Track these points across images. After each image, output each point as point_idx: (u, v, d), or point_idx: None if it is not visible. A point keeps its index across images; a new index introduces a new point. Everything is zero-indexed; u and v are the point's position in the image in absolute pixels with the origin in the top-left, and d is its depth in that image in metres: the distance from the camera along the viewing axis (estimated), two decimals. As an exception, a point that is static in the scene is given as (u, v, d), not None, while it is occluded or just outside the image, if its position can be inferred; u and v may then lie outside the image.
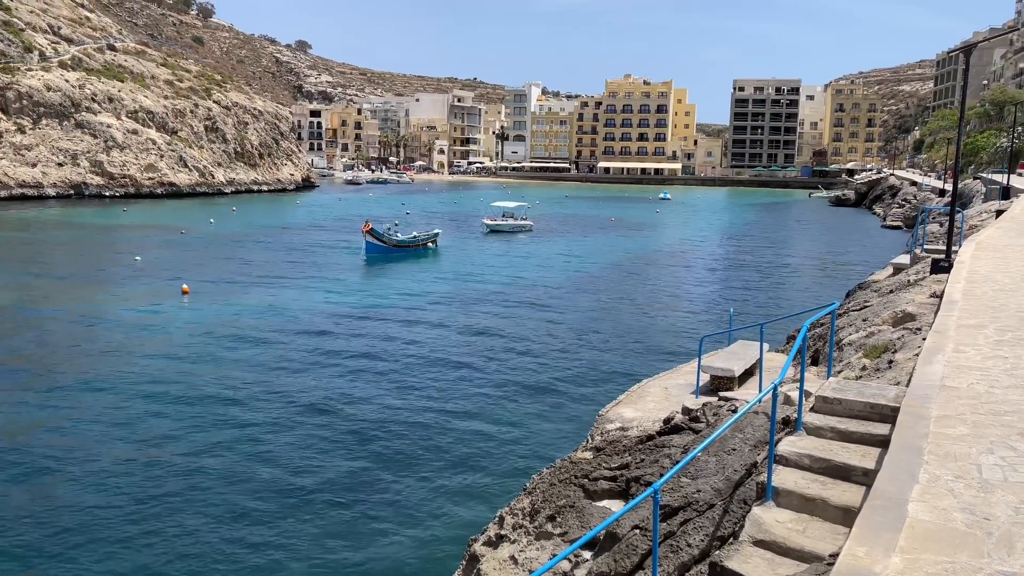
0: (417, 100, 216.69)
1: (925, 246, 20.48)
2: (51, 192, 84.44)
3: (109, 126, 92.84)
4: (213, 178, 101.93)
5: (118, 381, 20.12)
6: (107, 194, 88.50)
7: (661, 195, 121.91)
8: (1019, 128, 60.20)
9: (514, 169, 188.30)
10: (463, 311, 30.36)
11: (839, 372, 10.44)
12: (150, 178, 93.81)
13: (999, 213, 28.34)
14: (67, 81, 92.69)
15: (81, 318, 27.62)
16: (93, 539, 12.16)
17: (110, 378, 20.37)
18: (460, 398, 19.30)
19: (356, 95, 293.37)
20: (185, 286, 33.06)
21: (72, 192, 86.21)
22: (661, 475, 8.52)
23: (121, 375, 20.65)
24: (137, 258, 41.63)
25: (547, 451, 15.06)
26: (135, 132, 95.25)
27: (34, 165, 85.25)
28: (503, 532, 9.63)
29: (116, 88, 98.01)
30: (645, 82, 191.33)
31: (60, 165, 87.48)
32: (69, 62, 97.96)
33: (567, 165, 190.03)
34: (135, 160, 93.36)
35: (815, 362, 13.46)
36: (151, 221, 64.37)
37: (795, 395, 8.36)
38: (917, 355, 8.79)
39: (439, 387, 20.20)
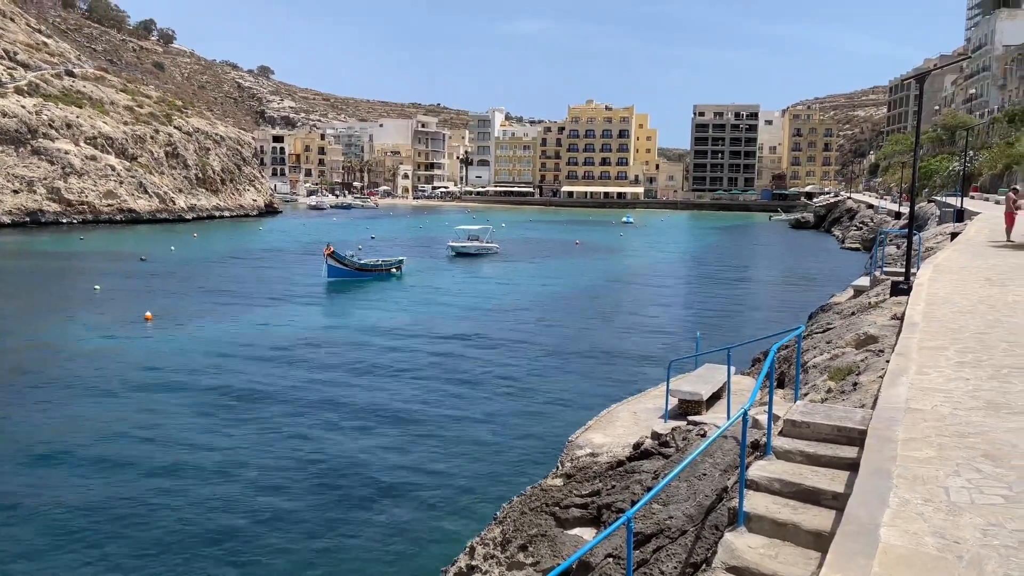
0: (381, 125, 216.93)
1: (884, 268, 20.87)
2: (6, 220, 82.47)
3: (67, 152, 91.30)
4: (174, 204, 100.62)
5: (82, 408, 19.60)
6: (64, 221, 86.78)
7: (624, 219, 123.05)
8: (971, 152, 62.01)
9: (479, 193, 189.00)
10: (427, 336, 30.20)
11: (805, 395, 10.55)
12: (109, 204, 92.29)
13: (954, 235, 29.04)
14: (24, 107, 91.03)
15: (41, 347, 26.93)
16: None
17: (74, 405, 19.83)
18: (426, 425, 19.12)
19: (319, 120, 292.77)
20: (148, 313, 32.54)
21: (28, 220, 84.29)
22: (632, 501, 8.51)
23: (87, 402, 20.12)
24: (97, 287, 40.81)
25: (517, 479, 14.94)
26: (93, 158, 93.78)
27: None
28: (474, 563, 9.52)
29: (74, 114, 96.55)
30: (607, 107, 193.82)
31: (16, 192, 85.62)
32: (26, 88, 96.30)
33: (531, 189, 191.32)
34: (93, 187, 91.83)
35: (781, 384, 13.59)
36: (110, 248, 63.23)
37: (764, 419, 8.42)
38: (881, 377, 8.92)
39: (404, 414, 20.00)
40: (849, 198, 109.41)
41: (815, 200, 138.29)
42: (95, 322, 31.52)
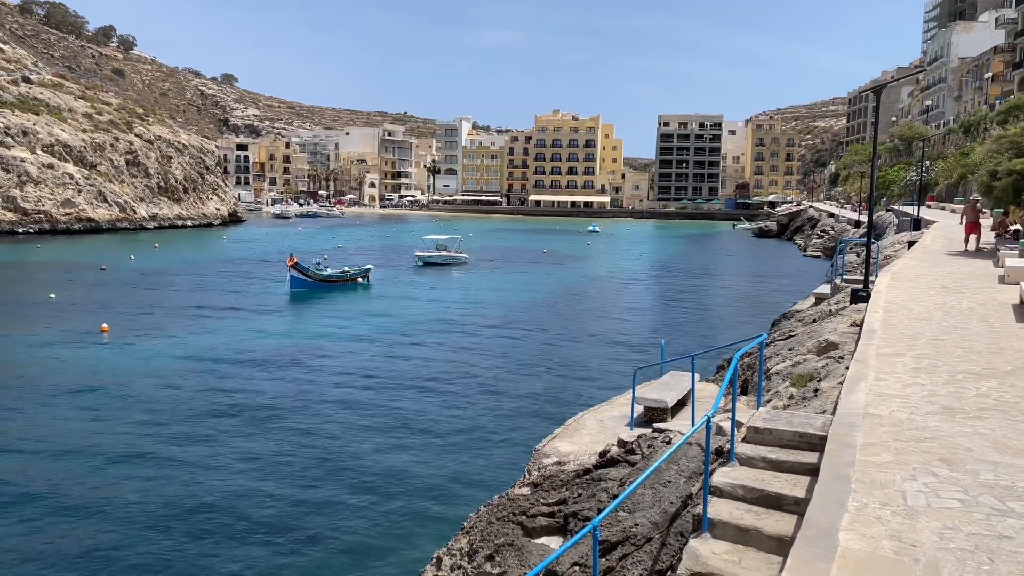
0: (347, 134, 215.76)
1: (844, 276, 21.22)
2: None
3: (23, 160, 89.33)
4: (135, 213, 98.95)
5: (33, 422, 19.14)
6: (20, 231, 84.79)
7: (590, 228, 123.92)
8: (927, 162, 63.39)
9: (446, 202, 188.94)
10: (393, 346, 30.04)
11: (768, 401, 10.69)
12: (67, 213, 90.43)
13: (911, 244, 29.62)
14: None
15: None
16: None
17: (24, 419, 19.36)
18: (391, 435, 19.00)
19: (284, 129, 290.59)
20: (104, 324, 31.89)
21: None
22: (599, 509, 8.54)
23: (37, 416, 19.66)
24: (52, 295, 39.96)
25: (484, 488, 14.91)
26: (51, 166, 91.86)
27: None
28: (441, 573, 9.48)
29: (31, 121, 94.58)
30: (573, 117, 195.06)
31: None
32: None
33: (498, 198, 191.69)
34: (50, 195, 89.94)
35: (744, 391, 13.74)
36: (68, 258, 61.95)
37: (727, 425, 8.51)
38: (841, 383, 9.07)
39: (366, 425, 19.86)
40: (811, 207, 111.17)
41: (778, 209, 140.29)
42: (50, 334, 30.83)
